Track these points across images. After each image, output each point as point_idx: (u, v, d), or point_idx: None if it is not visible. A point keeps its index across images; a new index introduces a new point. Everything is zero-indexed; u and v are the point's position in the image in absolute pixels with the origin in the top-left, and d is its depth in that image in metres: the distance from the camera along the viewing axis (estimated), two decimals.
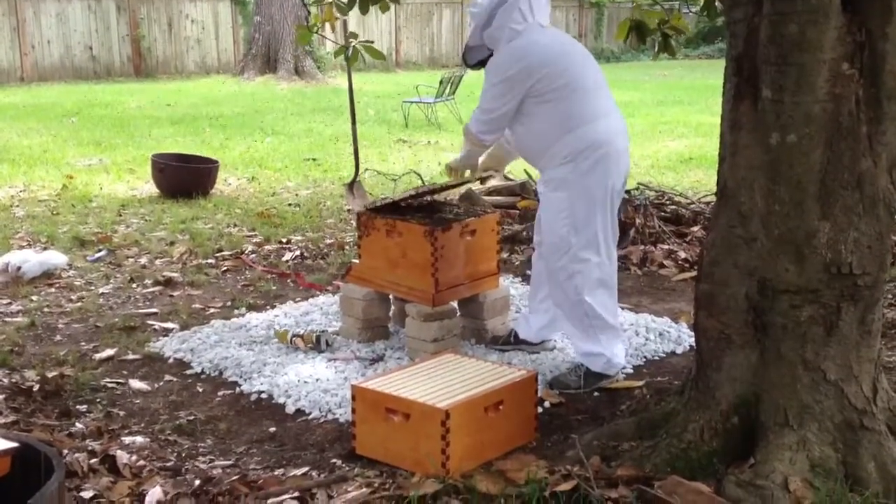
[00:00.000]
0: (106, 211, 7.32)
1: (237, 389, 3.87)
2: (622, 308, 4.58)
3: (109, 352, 4.27)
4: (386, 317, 4.40)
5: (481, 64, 3.94)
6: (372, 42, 5.92)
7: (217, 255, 5.99)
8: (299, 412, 3.65)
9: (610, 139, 3.75)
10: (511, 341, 4.20)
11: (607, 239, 3.82)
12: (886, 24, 2.67)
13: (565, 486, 2.77)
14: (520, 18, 3.75)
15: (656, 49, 5.19)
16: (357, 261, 4.35)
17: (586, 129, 3.71)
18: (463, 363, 3.49)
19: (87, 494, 2.86)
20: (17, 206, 7.53)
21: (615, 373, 3.89)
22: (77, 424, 3.46)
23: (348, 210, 7.10)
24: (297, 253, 6.04)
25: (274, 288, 5.33)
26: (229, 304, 5.03)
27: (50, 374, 3.89)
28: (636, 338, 4.39)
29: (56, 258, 5.61)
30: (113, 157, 9.90)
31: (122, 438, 3.36)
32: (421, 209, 4.25)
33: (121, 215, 7.21)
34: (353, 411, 3.25)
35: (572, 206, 3.74)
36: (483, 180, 4.74)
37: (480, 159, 4.15)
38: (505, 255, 5.72)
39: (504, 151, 4.19)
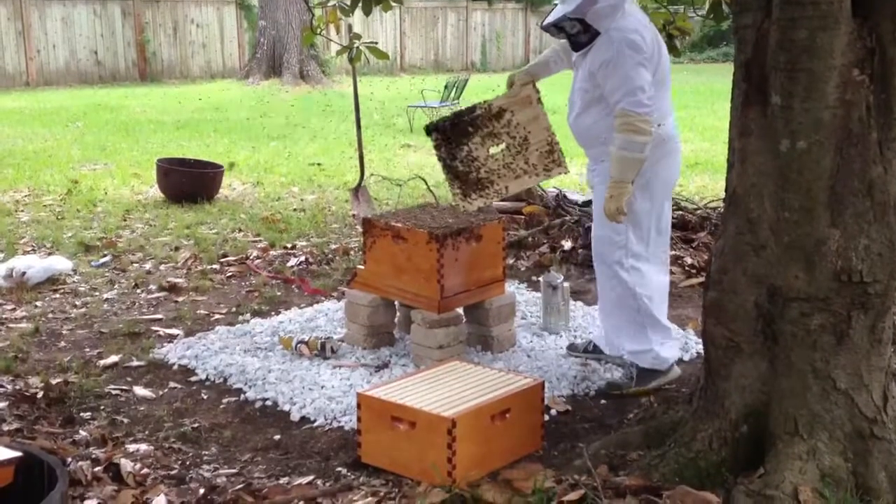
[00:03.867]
0: (111, 216, 7.31)
1: (242, 396, 3.86)
2: None
3: (114, 358, 4.26)
4: (391, 323, 4.38)
5: (582, 46, 3.68)
6: (376, 43, 5.90)
7: (222, 260, 5.98)
8: (304, 420, 3.63)
9: (676, 134, 3.77)
10: (590, 350, 4.14)
11: (664, 234, 3.83)
12: None
13: (573, 496, 2.74)
14: None
15: None
16: (362, 267, 4.33)
17: (665, 125, 3.68)
18: (469, 371, 3.46)
19: (90, 503, 2.85)
20: (22, 210, 7.52)
21: (667, 368, 3.85)
22: (81, 432, 3.44)
23: (353, 215, 7.08)
24: (302, 258, 6.02)
25: (279, 294, 5.31)
26: (234, 310, 5.01)
27: (54, 381, 3.87)
28: None
29: (60, 263, 5.59)
30: (118, 162, 9.90)
31: (127, 446, 3.35)
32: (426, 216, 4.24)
33: (125, 220, 7.21)
34: (359, 419, 3.23)
35: (633, 198, 3.66)
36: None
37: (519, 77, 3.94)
38: (510, 261, 5.70)
39: (546, 67, 4.03)
